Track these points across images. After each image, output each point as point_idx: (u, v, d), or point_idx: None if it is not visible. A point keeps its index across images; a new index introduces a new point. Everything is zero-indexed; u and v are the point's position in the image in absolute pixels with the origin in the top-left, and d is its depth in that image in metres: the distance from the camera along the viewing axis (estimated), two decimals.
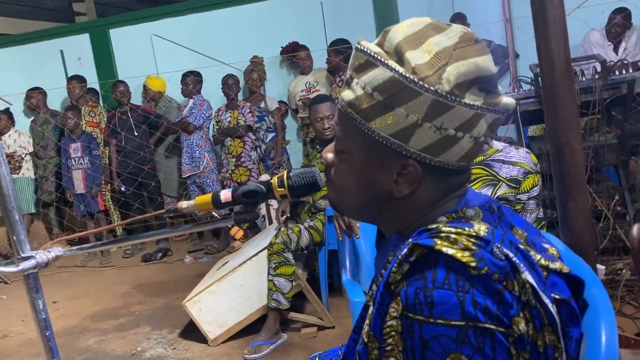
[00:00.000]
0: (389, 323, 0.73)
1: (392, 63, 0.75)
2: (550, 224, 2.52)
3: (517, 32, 4.97)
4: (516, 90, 3.75)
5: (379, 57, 0.76)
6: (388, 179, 0.80)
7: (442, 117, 0.74)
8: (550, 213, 3.03)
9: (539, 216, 2.01)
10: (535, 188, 1.95)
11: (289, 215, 3.30)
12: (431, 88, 0.73)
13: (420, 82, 0.73)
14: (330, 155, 0.88)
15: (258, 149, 5.17)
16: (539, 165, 1.98)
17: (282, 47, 5.44)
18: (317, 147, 3.44)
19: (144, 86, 5.57)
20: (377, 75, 0.76)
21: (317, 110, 3.23)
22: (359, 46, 0.79)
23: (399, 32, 0.77)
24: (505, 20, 5.06)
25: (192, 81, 5.17)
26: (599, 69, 3.49)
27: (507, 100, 0.79)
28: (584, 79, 3.50)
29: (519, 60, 5.08)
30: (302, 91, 5.24)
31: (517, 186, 1.91)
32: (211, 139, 5.30)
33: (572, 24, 4.18)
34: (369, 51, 0.77)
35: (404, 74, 0.74)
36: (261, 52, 5.42)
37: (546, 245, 0.81)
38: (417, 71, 0.74)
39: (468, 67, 0.74)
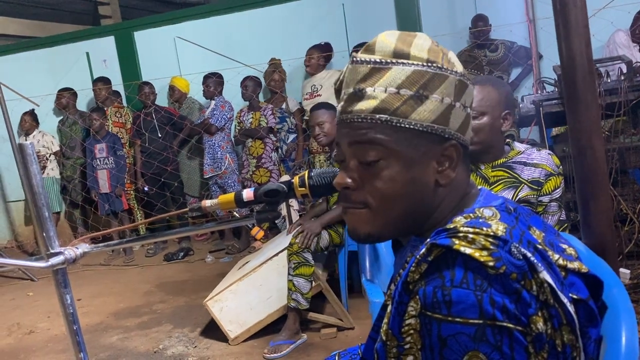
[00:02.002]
0: (407, 321, 0.74)
1: (405, 60, 0.80)
2: (573, 226, 2.49)
3: (541, 33, 4.92)
4: (539, 92, 3.71)
5: (387, 60, 0.80)
6: (432, 169, 0.83)
7: (464, 96, 0.83)
8: (573, 215, 2.99)
9: (561, 218, 1.99)
10: (558, 190, 1.93)
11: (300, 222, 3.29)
12: (453, 70, 0.81)
13: (445, 66, 0.80)
14: (349, 180, 0.83)
15: (279, 150, 5.20)
16: (561, 167, 1.96)
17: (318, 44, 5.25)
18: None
19: (171, 86, 5.65)
20: (395, 75, 0.79)
21: (313, 116, 3.30)
22: (357, 59, 0.82)
23: (386, 41, 0.82)
24: (528, 21, 5.01)
25: (213, 83, 5.23)
26: (624, 70, 3.44)
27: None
28: (609, 80, 3.45)
29: (543, 62, 5.02)
30: (306, 94, 5.18)
31: (539, 188, 1.89)
32: (232, 139, 5.35)
33: (597, 24, 4.15)
34: (372, 59, 0.81)
35: (425, 64, 0.79)
36: (283, 54, 5.44)
37: (564, 246, 0.81)
38: (432, 60, 0.80)
39: (455, 57, 0.84)
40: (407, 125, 0.79)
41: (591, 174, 1.29)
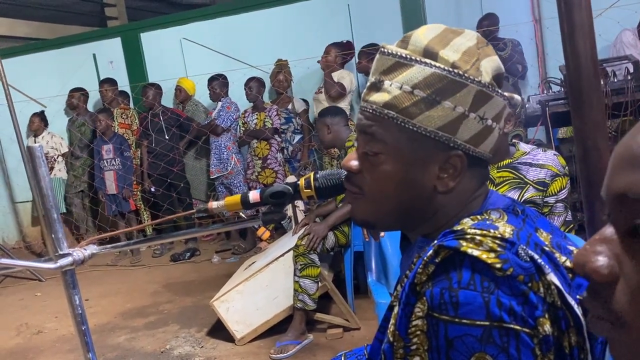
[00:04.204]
0: (414, 323, 0.74)
1: (430, 61, 0.78)
2: (580, 227, 2.48)
3: (547, 32, 4.91)
4: (545, 92, 3.70)
5: (413, 57, 0.79)
6: (430, 174, 0.81)
7: (484, 107, 0.79)
8: (580, 216, 2.99)
9: (567, 219, 1.99)
10: (563, 191, 1.93)
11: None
12: (476, 79, 0.78)
13: (466, 75, 0.77)
14: (355, 163, 0.86)
15: (285, 151, 5.21)
16: (567, 167, 1.96)
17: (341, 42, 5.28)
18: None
19: (178, 87, 5.66)
20: (414, 73, 0.78)
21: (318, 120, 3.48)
22: (385, 50, 0.81)
23: (421, 36, 0.80)
24: (534, 20, 5.00)
25: (218, 85, 5.25)
26: (631, 70, 3.43)
27: (517, 96, 0.86)
28: (616, 80, 3.44)
29: (549, 61, 5.00)
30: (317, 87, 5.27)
31: (545, 189, 1.89)
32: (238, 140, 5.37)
33: (604, 24, 4.12)
34: (398, 53, 0.80)
35: (447, 68, 0.77)
36: (289, 55, 5.45)
37: (571, 248, 0.81)
38: (457, 66, 0.78)
39: (495, 63, 0.81)
40: (410, 127, 0.79)
41: (596, 175, 1.29)
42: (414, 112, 0.78)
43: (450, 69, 0.77)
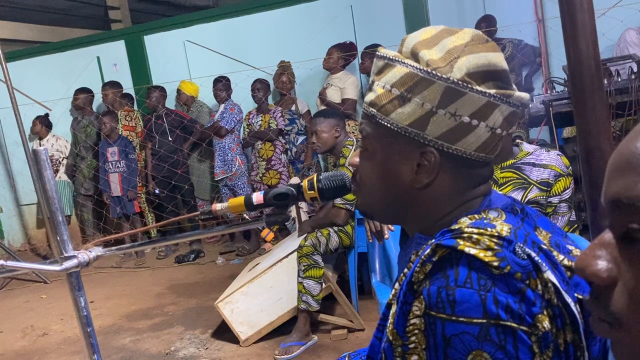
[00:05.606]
0: (412, 321, 0.75)
1: (408, 61, 0.81)
2: (585, 227, 2.48)
3: (550, 32, 4.90)
4: (549, 92, 3.70)
5: (396, 58, 0.82)
6: (408, 170, 0.84)
7: (455, 104, 0.79)
8: (584, 216, 2.98)
9: (571, 219, 1.99)
10: (567, 191, 1.93)
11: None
12: (443, 76, 0.78)
13: (433, 72, 0.79)
14: (357, 159, 0.92)
15: (289, 152, 5.22)
16: (571, 167, 1.95)
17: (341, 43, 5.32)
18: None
19: (178, 90, 5.69)
20: (394, 73, 0.82)
21: (312, 123, 3.39)
22: (378, 53, 0.86)
23: (414, 38, 0.83)
24: (537, 20, 4.99)
25: (224, 86, 5.27)
26: (635, 69, 3.42)
27: (521, 94, 0.82)
28: (619, 80, 3.43)
29: (552, 61, 4.99)
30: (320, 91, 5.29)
31: (548, 189, 1.89)
32: (242, 142, 5.38)
33: (607, 23, 4.11)
34: (387, 55, 0.84)
35: (418, 67, 0.80)
36: (292, 56, 5.46)
37: (571, 247, 0.82)
38: (430, 64, 0.79)
39: (479, 60, 0.79)
40: (385, 123, 0.83)
41: (599, 175, 1.29)
42: (388, 109, 0.82)
43: (421, 68, 0.80)
